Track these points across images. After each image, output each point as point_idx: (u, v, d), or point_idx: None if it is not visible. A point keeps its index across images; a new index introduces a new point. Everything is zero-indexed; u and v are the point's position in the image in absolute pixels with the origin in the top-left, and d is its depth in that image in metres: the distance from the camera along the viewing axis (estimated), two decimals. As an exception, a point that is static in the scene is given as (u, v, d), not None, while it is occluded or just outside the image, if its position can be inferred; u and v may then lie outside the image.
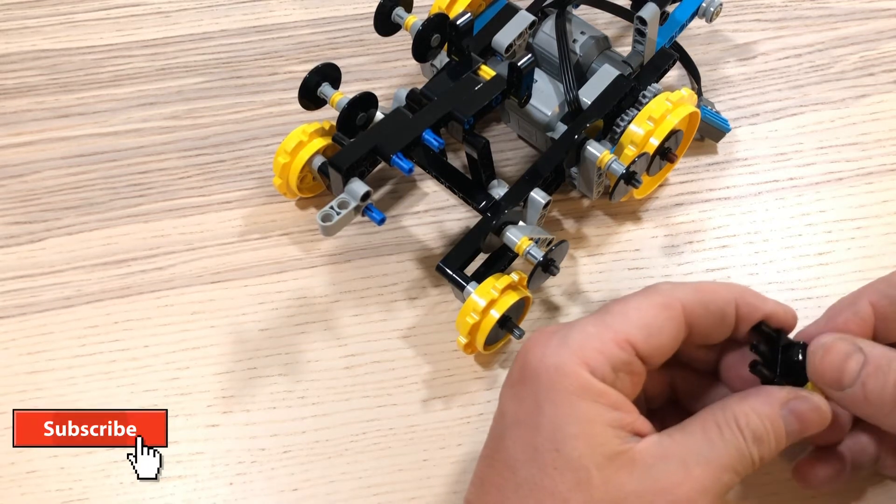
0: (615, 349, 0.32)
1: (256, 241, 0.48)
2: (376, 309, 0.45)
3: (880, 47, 0.54)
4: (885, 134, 0.50)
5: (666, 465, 0.31)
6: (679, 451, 0.31)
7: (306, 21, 0.56)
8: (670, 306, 0.33)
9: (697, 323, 0.34)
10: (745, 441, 0.32)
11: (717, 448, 0.31)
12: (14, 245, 0.48)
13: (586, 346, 0.32)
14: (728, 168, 0.50)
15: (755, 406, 0.32)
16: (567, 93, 0.45)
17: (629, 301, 0.34)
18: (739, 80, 0.53)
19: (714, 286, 0.34)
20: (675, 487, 0.31)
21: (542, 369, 0.32)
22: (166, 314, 0.46)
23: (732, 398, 0.33)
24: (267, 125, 0.52)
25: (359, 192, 0.41)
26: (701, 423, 0.32)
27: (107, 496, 0.41)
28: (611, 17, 0.53)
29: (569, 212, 0.48)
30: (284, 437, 0.42)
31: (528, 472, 0.31)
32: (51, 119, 0.52)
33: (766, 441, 0.32)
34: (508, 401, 0.33)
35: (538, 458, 0.31)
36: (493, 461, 0.33)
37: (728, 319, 0.34)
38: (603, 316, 0.33)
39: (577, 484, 0.31)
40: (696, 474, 0.31)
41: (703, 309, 0.34)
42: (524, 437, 0.32)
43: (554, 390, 0.32)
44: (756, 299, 0.35)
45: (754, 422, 0.32)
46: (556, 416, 0.31)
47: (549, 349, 0.32)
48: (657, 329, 0.33)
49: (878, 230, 0.47)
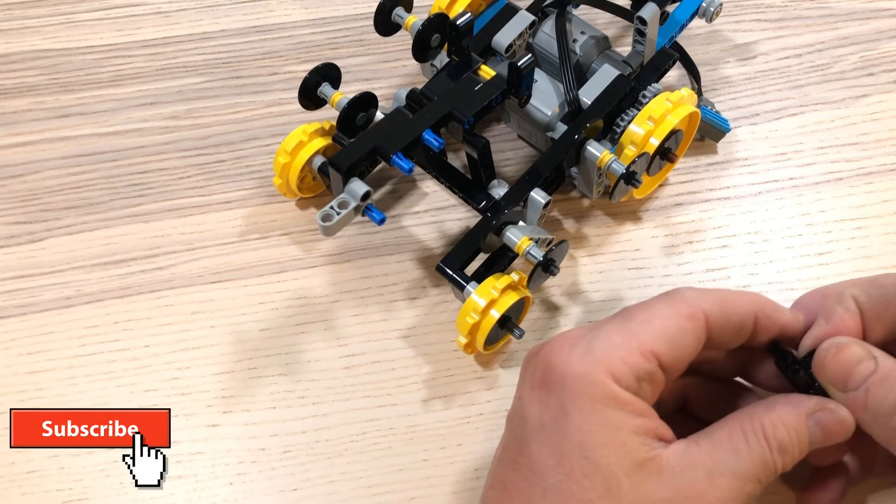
0: (640, 360, 0.32)
1: (256, 241, 0.48)
2: (376, 309, 0.45)
3: (880, 47, 0.54)
4: (885, 134, 0.50)
5: (693, 474, 0.31)
6: (705, 459, 0.31)
7: (306, 21, 0.56)
8: (695, 317, 0.33)
9: (716, 333, 0.34)
10: (770, 451, 0.32)
11: (742, 458, 0.31)
12: (14, 245, 0.48)
13: (612, 356, 0.32)
14: (728, 168, 0.50)
15: (783, 416, 0.32)
16: (567, 93, 0.45)
17: (654, 309, 0.33)
18: (739, 80, 0.53)
19: (736, 296, 0.34)
20: (699, 497, 0.31)
21: (567, 376, 0.32)
22: (166, 314, 0.46)
23: (759, 406, 0.33)
24: (267, 125, 0.52)
25: (359, 192, 0.41)
26: (728, 431, 0.32)
27: (107, 496, 0.41)
28: (611, 17, 0.53)
29: (569, 212, 0.48)
30: (284, 437, 0.42)
31: (555, 479, 0.31)
32: (51, 119, 0.52)
33: (791, 451, 0.32)
34: (532, 405, 0.33)
35: (566, 465, 0.31)
36: (516, 465, 0.33)
37: (746, 330, 0.34)
38: (627, 323, 0.33)
39: (608, 491, 0.31)
40: (721, 484, 0.31)
41: (724, 320, 0.33)
42: (550, 443, 0.32)
43: (581, 398, 0.31)
44: (774, 312, 0.34)
45: (781, 432, 0.32)
46: (583, 423, 0.31)
47: (575, 356, 0.32)
48: (681, 340, 0.33)
49: (878, 230, 0.47)
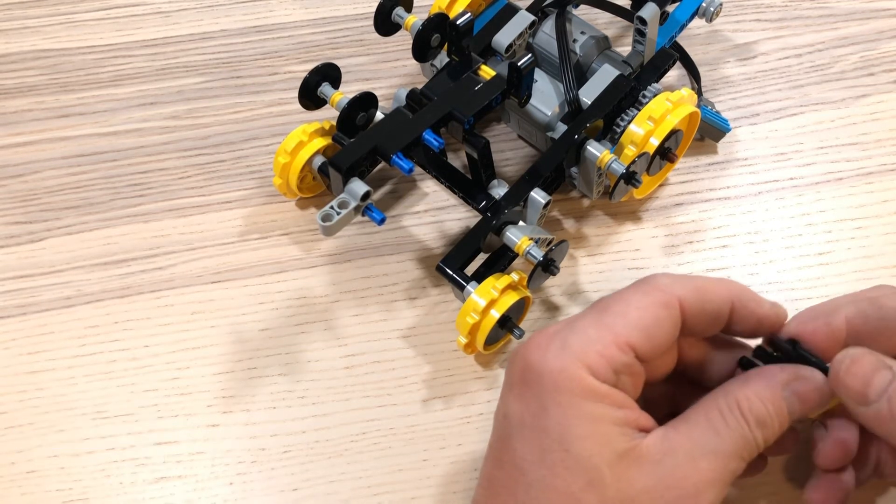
0: (616, 352, 0.32)
1: (256, 241, 0.48)
2: (376, 309, 0.45)
3: (880, 47, 0.54)
4: (885, 134, 0.50)
5: (674, 460, 0.31)
6: (685, 443, 0.31)
7: (306, 21, 0.56)
8: (669, 305, 0.33)
9: (692, 321, 0.33)
10: (749, 427, 0.32)
11: (722, 437, 0.31)
12: (14, 245, 0.48)
13: (588, 350, 0.32)
14: (728, 168, 0.50)
15: (758, 390, 0.32)
16: (567, 93, 0.45)
17: (628, 299, 0.33)
18: (739, 80, 0.53)
19: (712, 284, 0.34)
20: (682, 481, 0.31)
21: (545, 372, 0.32)
22: (166, 314, 0.46)
23: (733, 383, 0.33)
24: (267, 125, 0.52)
25: (359, 191, 0.41)
26: (704, 412, 0.32)
27: (107, 496, 0.41)
28: (611, 17, 0.53)
29: (569, 212, 0.48)
30: (284, 437, 0.42)
31: (538, 474, 0.31)
32: (51, 119, 0.52)
33: (770, 424, 0.32)
34: (512, 402, 0.33)
35: (547, 459, 0.31)
36: (501, 462, 0.33)
37: (722, 318, 0.34)
38: (602, 316, 0.33)
39: (590, 483, 0.31)
40: (703, 466, 0.31)
41: (699, 307, 0.33)
42: (532, 439, 0.32)
43: (559, 393, 0.31)
44: (752, 302, 0.34)
45: (757, 406, 0.32)
46: (562, 417, 0.31)
47: (551, 353, 0.32)
48: (656, 329, 0.32)
49: (878, 230, 0.47)
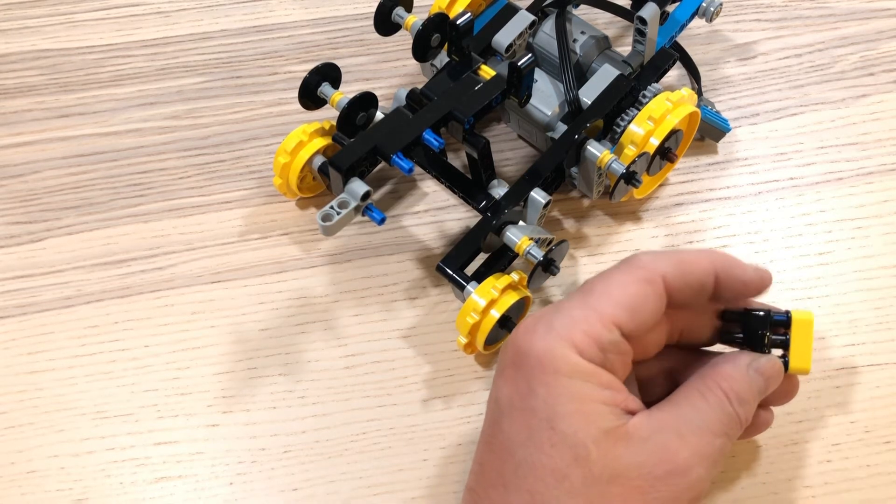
0: (602, 331, 0.32)
1: (256, 241, 0.48)
2: (376, 309, 0.45)
3: (880, 47, 0.54)
4: (885, 134, 0.50)
5: (662, 437, 0.32)
6: (672, 421, 0.32)
7: (306, 21, 0.56)
8: (653, 281, 0.33)
9: (677, 294, 0.34)
10: (730, 402, 0.33)
11: (706, 414, 0.33)
12: (14, 245, 0.48)
13: (573, 330, 0.32)
14: (728, 168, 0.50)
15: (729, 372, 0.34)
16: (567, 93, 0.45)
17: (612, 279, 0.34)
18: (739, 80, 0.53)
19: (694, 256, 0.34)
20: (673, 456, 0.31)
21: (532, 354, 0.32)
22: (166, 314, 0.46)
23: (706, 368, 0.35)
24: (267, 125, 0.52)
25: (359, 191, 0.41)
26: (685, 394, 0.34)
27: (107, 496, 0.41)
28: (611, 17, 0.53)
29: (569, 212, 0.48)
30: (284, 437, 0.42)
31: (525, 453, 0.32)
32: (51, 119, 0.52)
33: (748, 400, 0.34)
34: (501, 386, 0.34)
35: (535, 438, 0.32)
36: (491, 446, 0.33)
37: (707, 289, 0.35)
38: (587, 297, 0.33)
39: (576, 459, 0.31)
40: (692, 441, 0.32)
41: (682, 281, 0.34)
42: (520, 420, 0.32)
43: (545, 373, 0.32)
44: (735, 269, 0.35)
45: (734, 384, 0.33)
46: (549, 396, 0.32)
47: (537, 334, 0.33)
48: (641, 306, 0.33)
49: (878, 230, 0.47)
